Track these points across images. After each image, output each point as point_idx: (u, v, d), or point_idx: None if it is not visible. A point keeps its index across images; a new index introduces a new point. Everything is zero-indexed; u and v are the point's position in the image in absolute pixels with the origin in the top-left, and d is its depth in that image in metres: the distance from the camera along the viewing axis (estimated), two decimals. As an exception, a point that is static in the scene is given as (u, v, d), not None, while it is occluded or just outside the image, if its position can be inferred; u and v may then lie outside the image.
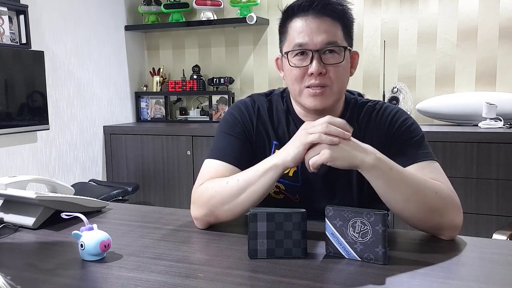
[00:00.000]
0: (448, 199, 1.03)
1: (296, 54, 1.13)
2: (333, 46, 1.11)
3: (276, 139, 1.22)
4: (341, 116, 1.21)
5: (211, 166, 1.17)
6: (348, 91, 1.28)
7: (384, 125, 1.18)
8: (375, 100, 1.25)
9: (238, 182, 1.07)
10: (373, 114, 1.20)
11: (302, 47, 1.12)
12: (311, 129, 1.00)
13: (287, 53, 1.15)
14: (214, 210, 1.09)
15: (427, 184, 1.03)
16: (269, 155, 1.22)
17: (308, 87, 1.13)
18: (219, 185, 1.09)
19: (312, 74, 1.11)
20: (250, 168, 1.09)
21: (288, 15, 1.16)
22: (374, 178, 1.01)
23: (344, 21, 1.15)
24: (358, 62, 1.23)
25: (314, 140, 0.99)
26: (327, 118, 1.01)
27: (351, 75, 1.19)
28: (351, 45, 1.17)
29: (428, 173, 1.08)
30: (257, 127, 1.22)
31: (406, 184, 1.01)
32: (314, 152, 0.99)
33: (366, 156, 0.99)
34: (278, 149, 1.21)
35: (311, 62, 1.11)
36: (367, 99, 1.26)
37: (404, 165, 1.10)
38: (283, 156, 1.04)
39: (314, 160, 0.99)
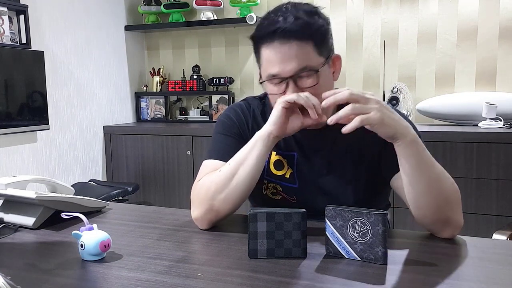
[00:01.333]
0: (458, 194, 1.04)
1: (272, 83, 1.12)
2: (305, 71, 1.08)
3: None
4: None
5: (209, 166, 1.18)
6: None
7: None
8: None
9: (230, 165, 1.10)
10: None
11: (275, 77, 1.10)
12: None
13: (263, 81, 1.14)
14: (213, 203, 1.09)
15: (446, 174, 1.04)
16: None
17: None
18: (213, 176, 1.11)
19: None
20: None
21: (256, 42, 1.13)
22: (408, 156, 0.99)
23: (313, 35, 1.07)
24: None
25: (294, 98, 1.03)
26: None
27: (335, 80, 1.17)
28: (328, 52, 1.12)
29: None
30: (252, 129, 1.23)
31: (433, 169, 1.01)
32: (360, 110, 0.95)
33: (409, 130, 0.99)
34: (275, 150, 1.21)
35: (286, 88, 1.09)
36: None
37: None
38: (265, 126, 1.09)
39: (364, 117, 0.93)
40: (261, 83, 1.15)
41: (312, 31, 1.07)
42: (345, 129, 0.94)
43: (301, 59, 1.07)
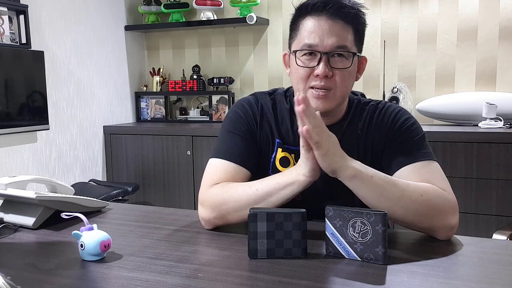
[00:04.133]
0: (437, 200, 1.03)
1: (304, 54, 1.13)
2: (342, 51, 1.11)
3: (279, 137, 1.22)
4: (344, 117, 1.22)
5: (217, 166, 1.17)
6: (351, 91, 1.28)
7: (385, 125, 1.18)
8: (378, 100, 1.25)
9: (257, 192, 1.07)
10: (375, 113, 1.20)
11: (311, 48, 1.11)
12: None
13: (295, 51, 1.14)
14: (226, 215, 1.09)
15: (411, 187, 1.03)
16: (272, 153, 1.22)
17: (312, 87, 1.12)
18: (235, 192, 1.09)
19: (318, 75, 1.11)
20: (271, 178, 1.08)
21: (301, 12, 1.15)
22: (356, 187, 1.02)
23: (357, 25, 1.14)
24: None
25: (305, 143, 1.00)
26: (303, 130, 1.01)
27: (356, 80, 1.19)
28: (360, 50, 1.17)
29: (424, 173, 1.08)
30: (261, 125, 1.22)
31: (389, 190, 1.01)
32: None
33: (347, 165, 1.00)
34: (281, 147, 1.21)
35: (318, 63, 1.10)
36: (370, 99, 1.27)
37: (403, 164, 1.11)
38: (305, 172, 1.03)
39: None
40: (294, 51, 1.14)
41: (357, 19, 1.14)
42: None
43: (342, 38, 1.11)
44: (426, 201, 1.02)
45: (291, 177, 1.05)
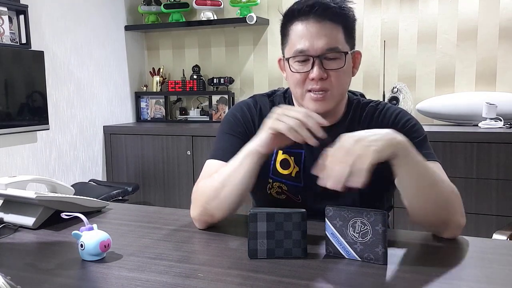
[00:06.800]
0: (458, 197, 1.04)
1: (297, 60, 1.13)
2: (334, 52, 1.11)
3: None
4: (344, 117, 1.21)
5: (211, 167, 1.17)
6: (351, 91, 1.28)
7: (386, 126, 1.17)
8: (377, 101, 1.25)
9: (221, 176, 1.09)
10: (375, 114, 1.20)
11: (303, 53, 1.11)
12: (283, 118, 1.00)
13: (288, 58, 1.15)
14: (207, 207, 1.09)
15: (442, 177, 1.04)
16: (272, 156, 1.22)
17: (309, 91, 1.13)
18: (209, 182, 1.11)
19: (313, 79, 1.11)
20: (234, 157, 1.10)
21: (289, 18, 1.15)
22: (405, 164, 0.96)
23: (346, 23, 1.13)
24: (361, 62, 1.22)
25: (283, 130, 0.99)
26: (303, 112, 1.00)
27: (353, 75, 1.19)
28: (353, 45, 1.17)
29: None
30: (259, 127, 1.22)
31: (429, 172, 1.00)
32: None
33: (399, 138, 0.95)
34: (281, 149, 1.21)
35: (312, 67, 1.11)
36: (369, 99, 1.27)
37: None
38: (254, 142, 1.06)
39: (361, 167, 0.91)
40: (287, 58, 1.15)
41: (345, 17, 1.13)
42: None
43: (332, 40, 1.10)
44: (454, 194, 1.03)
45: (244, 150, 1.07)
